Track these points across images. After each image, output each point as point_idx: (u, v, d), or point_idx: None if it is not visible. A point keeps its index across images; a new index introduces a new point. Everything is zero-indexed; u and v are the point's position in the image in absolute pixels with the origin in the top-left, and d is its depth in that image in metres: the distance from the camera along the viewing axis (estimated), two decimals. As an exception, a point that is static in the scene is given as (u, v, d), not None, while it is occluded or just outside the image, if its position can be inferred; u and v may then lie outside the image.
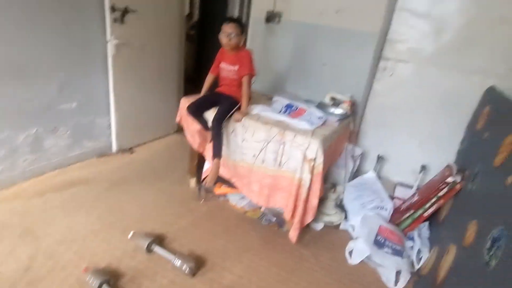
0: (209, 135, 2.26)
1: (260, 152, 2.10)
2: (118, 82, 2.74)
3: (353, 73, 2.50)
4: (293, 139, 1.95)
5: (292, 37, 2.70)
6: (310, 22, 2.55)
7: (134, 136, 3.11)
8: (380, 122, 2.65)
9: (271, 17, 2.75)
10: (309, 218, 2.04)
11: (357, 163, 2.58)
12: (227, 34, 2.02)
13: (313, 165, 1.90)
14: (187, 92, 3.77)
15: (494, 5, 2.12)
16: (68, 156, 2.61)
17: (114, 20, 2.53)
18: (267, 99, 2.60)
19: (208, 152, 2.41)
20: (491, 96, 2.05)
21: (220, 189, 2.48)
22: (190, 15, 6.31)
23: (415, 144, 2.56)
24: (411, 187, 2.50)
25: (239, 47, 2.12)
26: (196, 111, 2.17)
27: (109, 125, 2.88)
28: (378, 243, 2.00)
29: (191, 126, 2.33)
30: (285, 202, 2.08)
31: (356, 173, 2.64)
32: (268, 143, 2.05)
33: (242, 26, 2.07)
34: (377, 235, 2.06)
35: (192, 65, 5.43)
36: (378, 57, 2.50)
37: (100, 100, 2.73)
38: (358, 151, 2.55)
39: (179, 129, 3.51)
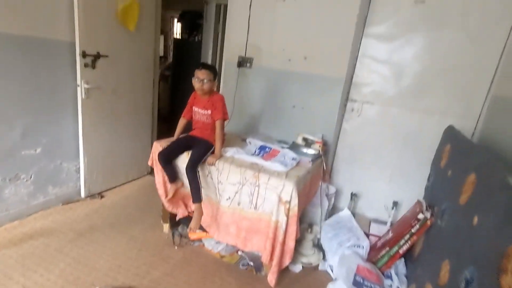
0: (172, 188, 2.22)
1: (235, 194, 2.08)
2: (88, 126, 2.68)
3: (323, 115, 2.61)
4: (268, 181, 1.96)
5: (264, 80, 2.80)
6: (279, 68, 2.67)
7: (105, 180, 3.00)
8: (352, 160, 2.73)
9: (243, 62, 2.86)
10: (286, 261, 2.00)
11: (332, 201, 2.61)
12: (199, 79, 2.07)
13: (289, 207, 1.90)
14: (161, 130, 3.77)
15: (445, 56, 2.33)
16: (30, 205, 2.45)
17: (85, 65, 2.52)
18: (241, 140, 2.62)
19: (176, 204, 2.35)
20: (450, 135, 2.19)
21: (195, 234, 2.39)
22: (165, 57, 6.48)
23: (386, 180, 2.65)
24: (385, 223, 2.55)
25: (212, 91, 2.16)
26: (168, 157, 2.14)
27: (78, 169, 2.77)
28: (358, 284, 1.98)
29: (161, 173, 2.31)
30: (263, 245, 2.03)
31: (331, 211, 2.66)
32: (243, 186, 2.04)
33: (215, 72, 2.13)
34: (355, 275, 2.03)
35: (167, 104, 5.50)
36: (346, 98, 2.64)
37: (68, 144, 2.64)
38: (332, 190, 2.58)
39: (153, 171, 3.44)
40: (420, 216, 2.03)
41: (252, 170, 2.01)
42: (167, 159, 2.14)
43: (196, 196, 2.07)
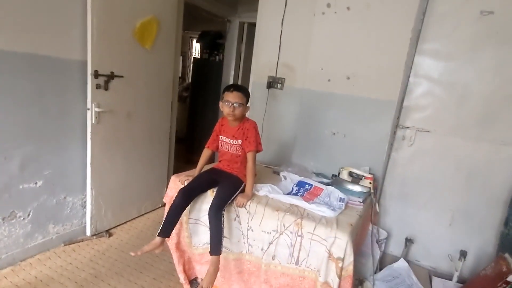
0: (154, 243, 1.72)
1: (270, 245, 1.67)
2: (98, 154, 2.36)
3: (369, 144, 2.21)
4: (313, 231, 1.55)
5: (298, 103, 2.44)
6: (317, 89, 2.32)
7: (114, 215, 2.63)
8: (403, 198, 2.30)
9: (273, 83, 2.53)
10: (339, 336, 1.55)
11: (382, 248, 2.17)
12: (230, 103, 1.71)
13: (341, 266, 1.48)
14: (177, 154, 3.45)
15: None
16: (26, 248, 2.09)
17: (97, 87, 2.23)
18: (272, 173, 2.25)
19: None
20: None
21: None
22: (183, 78, 6.28)
23: (446, 223, 2.20)
24: (449, 277, 2.08)
25: (243, 117, 1.81)
26: (190, 196, 1.75)
27: (84, 204, 2.43)
28: None
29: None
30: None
31: (381, 260, 2.21)
32: (280, 235, 1.64)
33: (247, 95, 1.78)
34: None
35: (184, 126, 5.24)
36: (396, 125, 2.25)
37: (74, 176, 2.31)
38: (383, 234, 2.15)
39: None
40: (511, 278, 1.58)
41: (293, 215, 1.62)
42: (188, 198, 1.75)
43: (216, 246, 1.65)
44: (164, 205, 3.04)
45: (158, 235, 1.69)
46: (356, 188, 1.98)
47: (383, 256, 2.27)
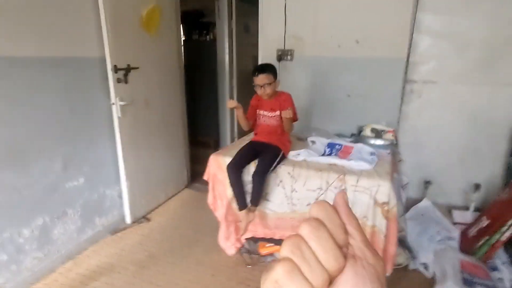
0: (245, 218, 1.97)
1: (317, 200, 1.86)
2: (126, 146, 2.43)
3: (383, 101, 2.39)
4: (357, 183, 1.74)
5: (310, 72, 2.57)
6: (327, 56, 2.44)
7: (147, 201, 2.75)
8: (416, 145, 2.52)
9: (283, 55, 2.63)
10: (388, 270, 1.79)
11: (405, 193, 2.40)
12: (259, 86, 1.85)
13: (387, 209, 1.69)
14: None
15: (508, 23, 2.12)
16: (79, 242, 2.21)
17: (118, 81, 2.27)
18: (297, 139, 2.40)
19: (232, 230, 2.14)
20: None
21: (266, 249, 2.17)
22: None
23: (457, 162, 2.45)
24: (466, 208, 2.35)
25: (277, 92, 1.93)
26: (238, 169, 1.90)
27: (120, 195, 2.53)
28: (469, 283, 1.78)
29: (220, 189, 2.08)
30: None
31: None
32: (325, 191, 1.82)
33: (273, 71, 1.90)
34: (462, 272, 1.84)
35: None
36: (404, 80, 2.42)
37: (107, 169, 2.40)
38: (405, 180, 2.37)
39: (189, 183, 3.26)
40: (525, 198, 1.84)
41: (336, 172, 1.79)
42: (237, 169, 1.90)
43: (255, 198, 1.90)
44: (187, 183, 3.20)
45: (239, 210, 1.90)
46: (378, 142, 2.17)
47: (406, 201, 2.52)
